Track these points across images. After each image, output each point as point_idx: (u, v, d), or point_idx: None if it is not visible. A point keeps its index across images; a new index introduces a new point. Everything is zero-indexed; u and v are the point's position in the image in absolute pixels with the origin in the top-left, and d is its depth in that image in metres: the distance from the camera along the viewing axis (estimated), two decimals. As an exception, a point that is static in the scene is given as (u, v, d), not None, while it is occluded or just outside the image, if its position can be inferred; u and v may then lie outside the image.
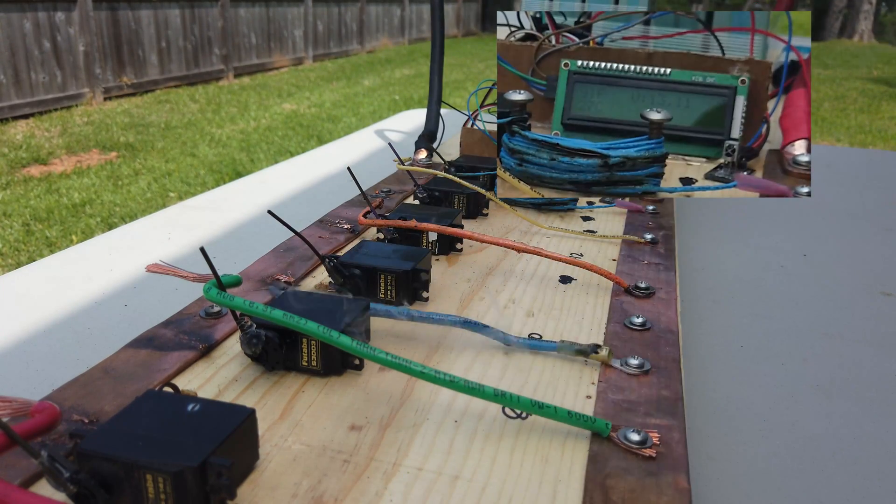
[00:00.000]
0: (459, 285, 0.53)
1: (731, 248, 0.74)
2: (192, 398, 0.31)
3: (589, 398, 0.38)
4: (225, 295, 0.35)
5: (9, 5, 4.01)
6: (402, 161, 0.79)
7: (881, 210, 0.91)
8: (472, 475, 0.32)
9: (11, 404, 0.32)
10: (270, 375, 0.39)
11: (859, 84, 6.63)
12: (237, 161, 3.41)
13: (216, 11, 5.76)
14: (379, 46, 8.59)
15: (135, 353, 0.40)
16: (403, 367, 0.33)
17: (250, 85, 5.76)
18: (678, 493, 0.30)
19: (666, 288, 0.52)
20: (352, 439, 0.34)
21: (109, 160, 3.42)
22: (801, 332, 0.56)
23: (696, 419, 0.43)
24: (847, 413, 0.45)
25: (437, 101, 0.94)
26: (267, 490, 0.30)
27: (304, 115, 4.59)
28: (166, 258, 0.63)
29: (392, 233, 0.56)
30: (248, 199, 0.84)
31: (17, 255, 2.25)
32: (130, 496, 0.27)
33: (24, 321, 0.52)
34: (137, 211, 2.65)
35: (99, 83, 4.67)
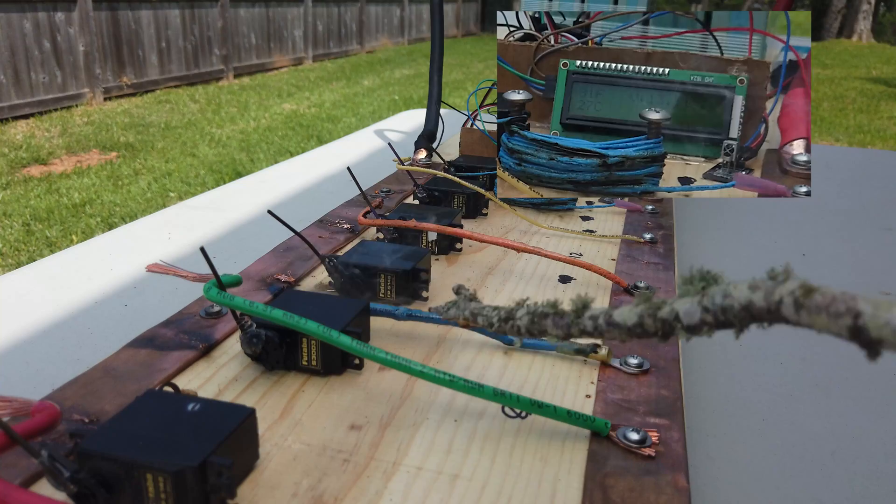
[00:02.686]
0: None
1: (730, 248, 0.74)
2: (192, 398, 0.32)
3: (588, 397, 0.38)
4: (225, 295, 0.35)
5: (9, 5, 4.01)
6: (401, 161, 0.79)
7: (880, 210, 0.91)
8: (472, 474, 0.32)
9: (11, 404, 0.32)
10: (270, 375, 0.39)
11: (858, 84, 6.63)
12: (237, 161, 3.41)
13: (216, 11, 5.76)
14: (379, 46, 8.59)
15: (135, 352, 0.40)
16: (403, 366, 0.34)
17: (250, 85, 5.76)
18: (677, 492, 0.31)
19: (665, 287, 0.52)
20: (352, 438, 0.34)
21: (109, 160, 3.42)
22: (800, 332, 0.56)
23: (695, 418, 0.43)
24: (846, 412, 0.45)
25: (436, 101, 0.94)
26: (267, 489, 0.30)
27: (303, 116, 4.59)
28: (166, 258, 0.64)
29: (392, 233, 0.56)
30: (248, 199, 0.84)
31: (17, 255, 2.25)
32: (131, 496, 0.28)
33: (24, 321, 0.52)
34: (137, 211, 2.65)
35: (99, 83, 4.67)
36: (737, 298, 0.22)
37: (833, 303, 0.20)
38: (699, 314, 0.24)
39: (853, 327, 0.19)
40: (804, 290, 0.21)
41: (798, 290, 0.21)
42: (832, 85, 6.50)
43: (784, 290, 0.21)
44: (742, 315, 0.23)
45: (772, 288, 0.22)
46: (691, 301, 0.24)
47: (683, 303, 0.24)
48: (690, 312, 0.24)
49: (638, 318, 0.26)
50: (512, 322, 0.32)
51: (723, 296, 0.23)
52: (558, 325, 0.29)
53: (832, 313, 0.20)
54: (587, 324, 0.28)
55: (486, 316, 0.34)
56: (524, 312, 0.31)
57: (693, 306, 0.24)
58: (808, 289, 0.21)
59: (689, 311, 0.24)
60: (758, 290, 0.22)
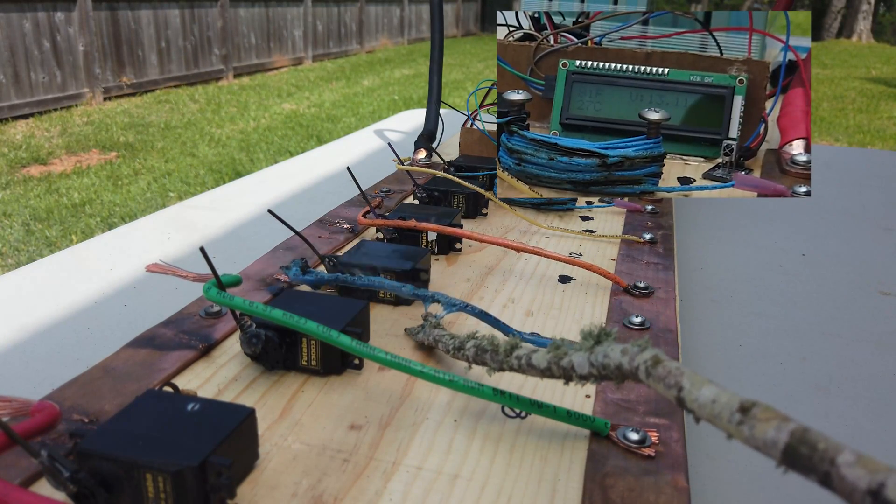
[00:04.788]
0: (459, 285, 0.53)
1: (730, 248, 0.74)
2: (191, 398, 0.32)
3: (588, 397, 0.38)
4: (225, 294, 0.35)
5: (8, 5, 4.01)
6: (401, 161, 0.79)
7: (880, 209, 0.91)
8: (472, 474, 0.32)
9: (11, 404, 0.32)
10: (270, 375, 0.39)
11: (858, 84, 6.64)
12: (237, 161, 3.41)
13: (216, 11, 5.76)
14: (378, 46, 8.59)
15: (135, 352, 0.40)
16: (403, 366, 0.34)
17: (250, 85, 5.76)
18: (677, 492, 0.31)
19: (665, 287, 0.52)
20: (351, 438, 0.34)
21: (109, 160, 3.42)
22: (800, 332, 0.56)
23: (694, 418, 0.43)
24: (846, 412, 0.45)
25: (436, 101, 0.94)
26: (267, 489, 0.30)
27: (303, 115, 4.59)
28: (166, 258, 0.64)
29: (392, 232, 0.56)
30: (248, 199, 0.84)
31: (17, 255, 2.25)
32: (130, 495, 0.28)
33: (24, 321, 0.52)
34: (137, 211, 2.65)
35: (99, 83, 4.67)
36: (612, 359, 0.27)
37: (668, 375, 0.24)
38: (587, 367, 0.28)
39: (677, 398, 0.24)
40: (653, 360, 0.25)
41: (649, 361, 0.25)
42: (832, 85, 6.51)
43: (640, 359, 0.26)
44: (616, 373, 0.27)
45: (634, 355, 0.26)
46: (583, 356, 0.29)
47: (578, 356, 0.29)
48: (581, 365, 0.29)
49: (547, 363, 0.30)
50: (462, 351, 0.36)
51: (603, 355, 0.28)
52: (494, 360, 0.34)
53: (667, 384, 0.24)
54: (514, 362, 0.33)
55: (444, 343, 0.39)
56: (472, 345, 0.36)
57: (583, 360, 0.29)
58: (656, 360, 0.25)
59: (580, 364, 0.29)
60: (626, 354, 0.27)
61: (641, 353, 0.26)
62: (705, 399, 0.23)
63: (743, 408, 0.22)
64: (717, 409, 0.22)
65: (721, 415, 0.22)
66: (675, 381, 0.24)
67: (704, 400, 0.23)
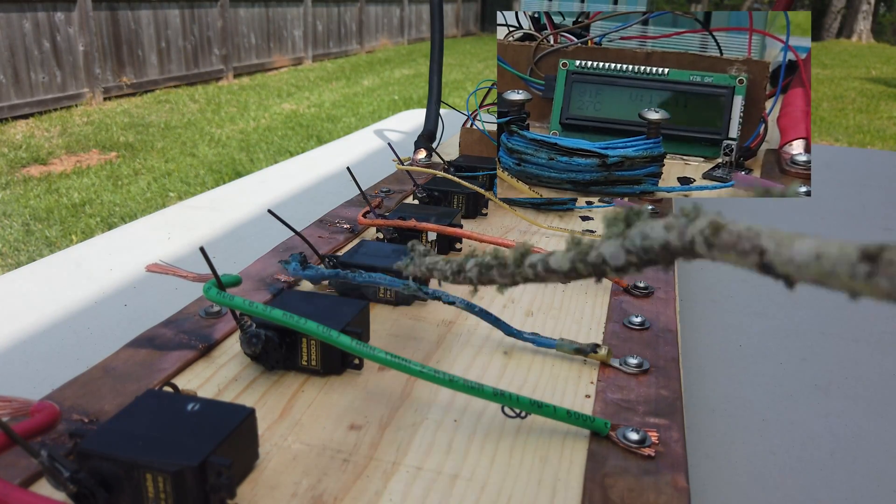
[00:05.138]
0: (458, 285, 0.53)
1: (730, 248, 0.74)
2: (191, 398, 0.32)
3: (588, 397, 0.38)
4: (225, 294, 0.35)
5: (8, 5, 4.01)
6: (401, 161, 0.79)
7: (880, 210, 0.91)
8: (472, 474, 0.32)
9: (11, 404, 0.32)
10: (270, 375, 0.39)
11: (858, 84, 6.64)
12: (237, 161, 3.41)
13: (216, 11, 5.76)
14: (378, 46, 8.59)
15: (135, 352, 0.40)
16: (403, 366, 0.34)
17: (250, 85, 5.76)
18: (677, 492, 0.31)
19: (665, 287, 0.52)
20: (351, 438, 0.34)
21: (109, 160, 3.42)
22: (800, 332, 0.56)
23: (694, 418, 0.43)
24: (845, 412, 0.45)
25: (436, 101, 0.94)
26: (267, 489, 0.30)
27: (303, 115, 4.59)
28: (166, 258, 0.64)
29: (392, 233, 0.56)
30: (248, 199, 0.84)
31: (17, 255, 2.25)
32: (130, 495, 0.28)
33: (24, 321, 0.52)
34: (137, 211, 2.65)
35: (99, 83, 4.67)
36: (655, 239, 0.23)
37: (739, 241, 0.20)
38: (624, 256, 0.24)
39: (761, 264, 0.19)
40: (713, 228, 0.21)
41: (707, 229, 0.21)
42: (832, 85, 6.51)
43: (695, 229, 0.21)
44: (663, 254, 0.23)
45: (684, 227, 0.22)
46: (615, 244, 0.25)
47: (609, 246, 0.25)
48: (616, 255, 0.25)
49: (570, 263, 0.27)
50: (463, 274, 0.33)
51: (641, 237, 0.23)
52: (503, 274, 0.30)
53: (740, 251, 0.20)
54: (528, 272, 0.29)
55: (441, 270, 0.35)
56: (473, 264, 0.32)
57: (617, 249, 0.24)
58: (716, 227, 0.21)
59: (615, 254, 0.25)
60: (672, 229, 0.22)
61: (693, 223, 0.21)
62: (805, 256, 0.18)
63: (868, 255, 0.16)
64: (827, 266, 0.17)
65: (837, 272, 0.17)
66: (752, 244, 0.19)
67: (804, 258, 0.18)
